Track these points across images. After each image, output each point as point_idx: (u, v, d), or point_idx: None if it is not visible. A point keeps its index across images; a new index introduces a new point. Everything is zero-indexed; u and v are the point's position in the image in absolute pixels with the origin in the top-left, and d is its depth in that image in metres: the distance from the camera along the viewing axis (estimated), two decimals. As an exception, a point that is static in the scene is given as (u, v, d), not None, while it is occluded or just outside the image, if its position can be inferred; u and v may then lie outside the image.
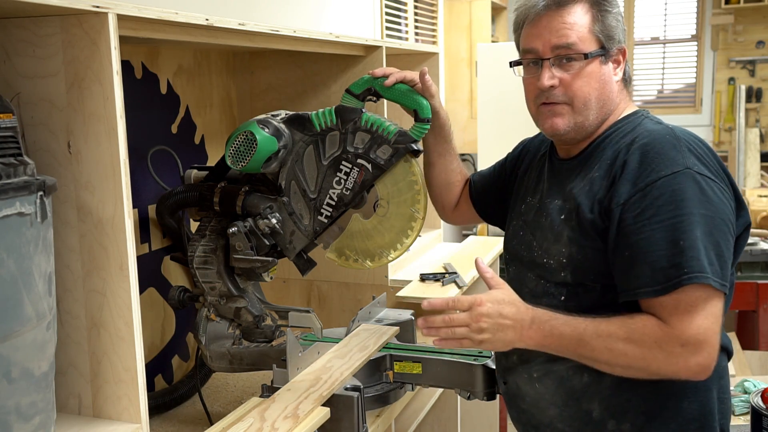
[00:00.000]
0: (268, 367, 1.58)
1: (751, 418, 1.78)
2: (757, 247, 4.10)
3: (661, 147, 1.31)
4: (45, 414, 1.07)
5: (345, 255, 1.61)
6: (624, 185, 1.31)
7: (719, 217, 1.27)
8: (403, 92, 1.60)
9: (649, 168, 1.30)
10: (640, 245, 1.28)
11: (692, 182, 1.27)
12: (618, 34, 1.41)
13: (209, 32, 1.46)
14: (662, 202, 1.27)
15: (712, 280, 1.23)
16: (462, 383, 1.66)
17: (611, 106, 1.43)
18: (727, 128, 7.13)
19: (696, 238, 1.24)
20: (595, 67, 1.39)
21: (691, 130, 1.40)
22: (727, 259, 1.28)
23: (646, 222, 1.27)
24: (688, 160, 1.29)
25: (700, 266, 1.23)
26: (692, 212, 1.25)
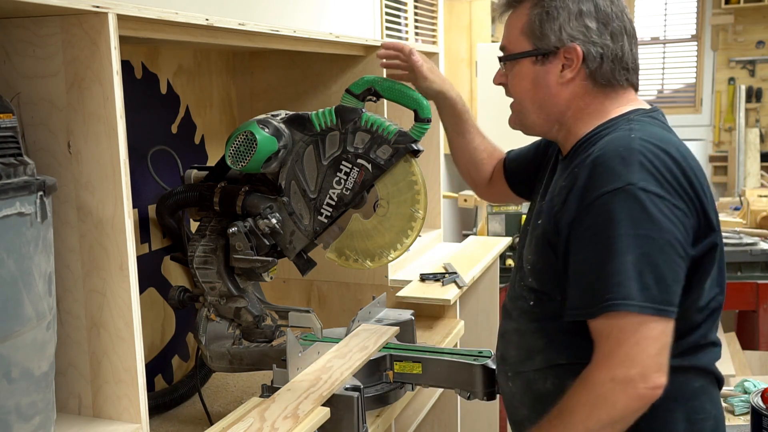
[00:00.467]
0: (268, 367, 1.58)
1: (751, 418, 1.78)
2: (757, 247, 4.10)
3: (609, 161, 1.24)
4: (45, 414, 1.07)
5: (345, 255, 1.62)
6: (572, 202, 1.27)
7: (662, 238, 1.19)
8: (403, 92, 1.60)
9: (594, 184, 1.23)
10: (575, 266, 1.25)
11: (632, 200, 1.19)
12: (562, 33, 1.34)
13: (209, 32, 1.46)
14: (599, 221, 1.21)
15: (637, 306, 1.17)
16: (462, 383, 1.66)
17: (556, 109, 1.38)
18: (727, 128, 7.14)
19: (625, 261, 1.18)
20: (526, 68, 1.38)
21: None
22: (672, 282, 1.20)
23: (584, 242, 1.24)
24: (632, 176, 1.20)
25: (624, 292, 1.17)
26: (626, 233, 1.19)
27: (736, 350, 3.96)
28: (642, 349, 1.18)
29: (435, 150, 2.63)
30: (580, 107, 1.38)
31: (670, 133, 1.34)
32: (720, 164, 7.00)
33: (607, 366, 1.19)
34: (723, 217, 4.73)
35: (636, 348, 1.18)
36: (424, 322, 2.18)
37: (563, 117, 1.39)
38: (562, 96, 1.37)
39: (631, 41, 1.39)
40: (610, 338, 1.20)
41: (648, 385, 1.18)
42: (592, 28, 1.34)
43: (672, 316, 1.20)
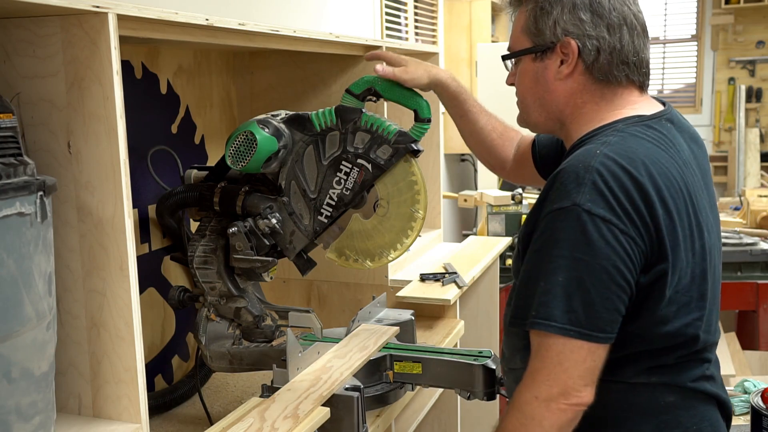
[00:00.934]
0: (268, 367, 1.58)
1: (751, 418, 1.78)
2: (757, 247, 4.10)
3: (566, 177, 1.21)
4: (45, 414, 1.07)
5: (345, 255, 1.62)
6: (535, 214, 1.27)
7: (597, 263, 1.16)
8: (403, 92, 1.60)
9: (549, 198, 1.23)
10: (521, 277, 1.26)
11: (574, 221, 1.17)
12: (558, 27, 1.31)
13: (209, 32, 1.46)
14: (544, 238, 1.21)
15: (557, 328, 1.17)
16: (462, 383, 1.66)
17: (556, 105, 1.37)
18: (727, 128, 7.14)
19: (556, 283, 1.17)
20: (527, 66, 1.38)
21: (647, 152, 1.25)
22: (601, 308, 1.17)
23: (529, 256, 1.24)
24: (580, 196, 1.17)
25: (547, 313, 1.18)
26: (561, 255, 1.17)
27: (736, 350, 3.96)
28: (564, 369, 1.19)
29: (435, 150, 2.63)
30: (578, 105, 1.35)
31: (658, 146, 1.27)
32: (720, 164, 7.01)
33: (532, 384, 1.21)
34: (723, 217, 4.73)
35: (558, 368, 1.19)
36: (424, 322, 2.18)
37: (562, 115, 1.38)
38: (560, 92, 1.35)
39: (632, 33, 1.32)
40: (537, 355, 1.22)
41: (570, 402, 1.19)
42: (585, 21, 1.31)
43: (600, 341, 1.18)
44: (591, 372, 1.20)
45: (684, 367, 1.31)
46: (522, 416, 1.22)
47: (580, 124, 1.36)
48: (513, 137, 1.77)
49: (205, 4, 1.97)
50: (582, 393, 1.19)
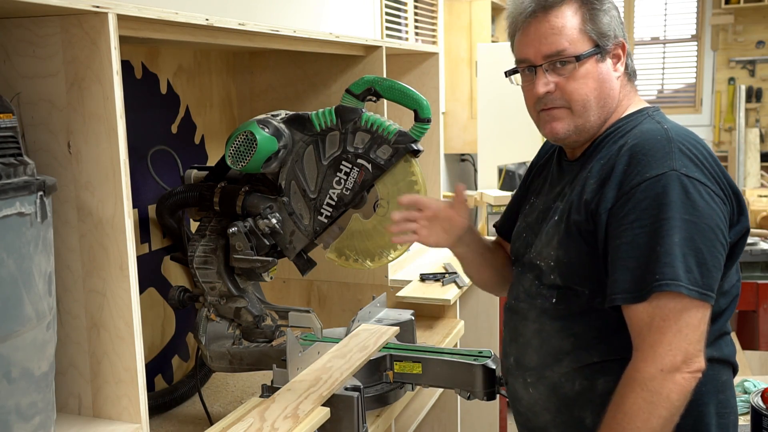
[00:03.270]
0: (268, 367, 1.58)
1: (751, 418, 1.78)
2: (757, 247, 4.10)
3: (649, 148, 1.27)
4: (45, 414, 1.07)
5: (345, 255, 1.61)
6: (611, 189, 1.28)
7: (704, 223, 1.22)
8: (403, 92, 1.60)
9: (635, 171, 1.26)
10: (620, 250, 1.25)
11: (677, 185, 1.22)
12: (613, 29, 1.37)
13: (209, 32, 1.46)
14: (644, 206, 1.23)
15: (685, 288, 1.19)
16: (462, 383, 1.66)
17: (612, 104, 1.40)
18: (727, 128, 7.14)
19: (673, 243, 1.20)
20: (591, 67, 1.36)
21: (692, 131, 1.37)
22: (712, 267, 1.22)
23: (628, 226, 1.24)
24: (675, 162, 1.24)
25: (673, 273, 1.19)
26: (672, 216, 1.21)
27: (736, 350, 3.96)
28: (684, 336, 1.20)
29: (435, 150, 2.63)
30: (620, 99, 1.41)
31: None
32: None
33: (653, 357, 1.21)
34: (723, 217, 4.73)
35: (678, 336, 1.20)
36: (424, 322, 2.18)
37: (610, 112, 1.41)
38: (616, 90, 1.41)
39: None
40: (651, 327, 1.21)
41: (692, 369, 1.20)
42: (622, 25, 1.41)
43: (711, 302, 1.22)
44: (703, 335, 1.23)
45: (725, 339, 1.36)
46: (648, 393, 1.20)
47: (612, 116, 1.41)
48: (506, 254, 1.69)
49: (205, 4, 1.96)
50: (700, 358, 1.21)
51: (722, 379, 1.35)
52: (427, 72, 2.58)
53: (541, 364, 1.40)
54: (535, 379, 1.42)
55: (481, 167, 4.49)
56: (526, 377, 1.44)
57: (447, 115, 4.88)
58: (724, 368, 1.36)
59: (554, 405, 1.40)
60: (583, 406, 1.37)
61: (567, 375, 1.37)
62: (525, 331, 1.44)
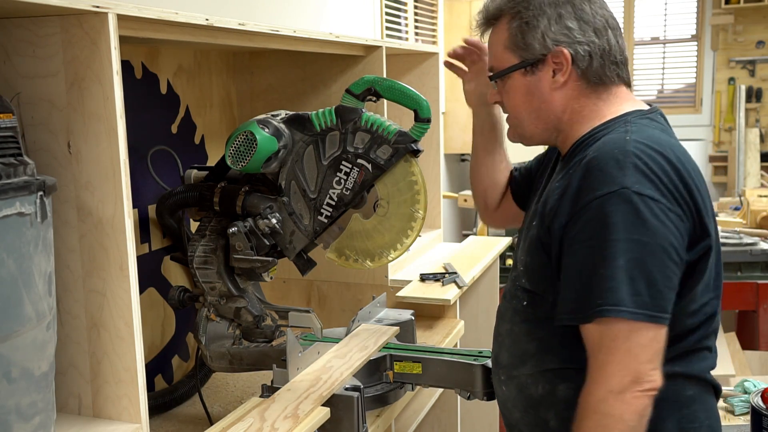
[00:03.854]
0: (268, 367, 1.58)
1: (751, 418, 1.78)
2: (757, 247, 4.10)
3: (603, 163, 1.22)
4: (45, 414, 1.07)
5: (345, 255, 1.61)
6: (566, 205, 1.26)
7: (655, 243, 1.18)
8: (403, 92, 1.60)
9: (589, 186, 1.22)
10: (569, 269, 1.24)
11: (626, 203, 1.18)
12: (547, 39, 1.33)
13: (209, 32, 1.46)
14: (593, 226, 1.20)
15: (627, 312, 1.16)
16: (462, 383, 1.66)
17: (552, 114, 1.37)
18: (727, 128, 7.13)
19: (618, 267, 1.17)
20: (517, 81, 1.38)
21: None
22: (663, 287, 1.19)
23: (578, 246, 1.23)
24: (627, 179, 1.19)
25: (615, 298, 1.17)
26: (618, 238, 1.17)
27: (736, 350, 3.96)
28: (634, 357, 1.18)
29: (435, 150, 2.63)
30: (576, 110, 1.37)
31: (668, 135, 1.33)
32: (720, 164, 7.00)
33: (602, 380, 1.20)
34: (723, 217, 4.74)
35: (627, 356, 1.18)
36: (424, 322, 2.18)
37: (560, 123, 1.39)
38: (556, 101, 1.37)
39: (616, 33, 1.37)
40: (601, 347, 1.20)
41: (644, 388, 1.18)
42: (574, 29, 1.33)
43: (664, 323, 1.19)
44: (657, 354, 1.20)
45: (699, 355, 1.32)
46: (599, 416, 1.20)
47: (581, 125, 1.37)
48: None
49: (205, 4, 1.97)
50: (653, 377, 1.19)
51: (686, 394, 1.32)
52: (427, 72, 2.58)
53: (511, 364, 1.42)
54: (507, 378, 1.45)
55: (481, 167, 4.49)
56: (500, 375, 1.47)
57: (447, 115, 4.88)
58: (688, 384, 1.32)
59: (522, 404, 1.42)
60: (547, 409, 1.38)
61: (532, 377, 1.39)
62: (502, 329, 1.47)
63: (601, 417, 1.19)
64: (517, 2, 1.36)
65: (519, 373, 1.41)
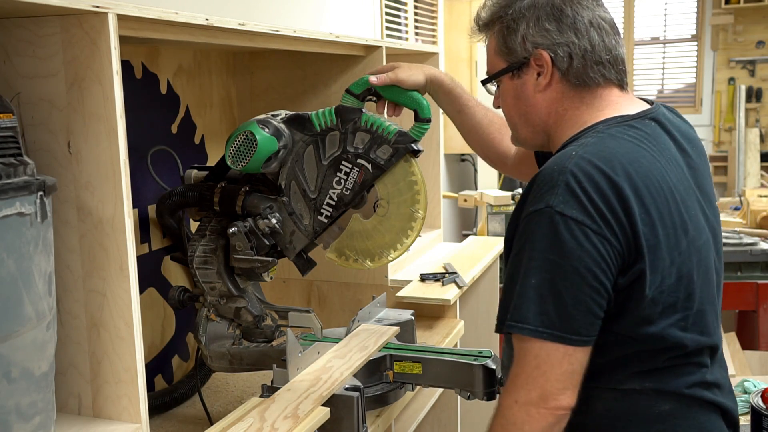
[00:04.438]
0: (268, 367, 1.58)
1: (751, 418, 1.78)
2: (757, 247, 4.10)
3: (541, 180, 1.22)
4: (45, 414, 1.07)
5: (345, 255, 1.61)
6: (515, 218, 1.28)
7: (569, 265, 1.16)
8: (403, 92, 1.60)
9: (528, 202, 1.23)
10: (504, 281, 1.27)
11: (547, 223, 1.17)
12: (527, 42, 1.33)
13: (209, 32, 1.46)
14: (521, 241, 1.22)
15: (529, 330, 1.17)
16: (462, 383, 1.66)
17: (537, 117, 1.38)
18: (727, 128, 7.14)
19: (529, 285, 1.18)
20: (506, 86, 1.40)
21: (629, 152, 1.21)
22: (574, 309, 1.17)
23: (510, 260, 1.25)
24: (553, 198, 1.17)
25: (520, 315, 1.18)
26: (535, 256, 1.18)
27: (736, 350, 3.96)
28: (542, 373, 1.18)
29: (435, 150, 2.63)
30: (559, 113, 1.36)
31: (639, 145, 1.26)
32: (720, 164, 7.01)
33: (512, 389, 1.21)
34: (723, 217, 4.73)
35: (536, 371, 1.19)
36: (424, 322, 2.18)
37: (547, 126, 1.39)
38: (541, 104, 1.37)
39: (601, 32, 1.33)
40: (517, 359, 1.22)
41: (549, 406, 1.18)
42: (552, 30, 1.32)
43: (576, 344, 1.18)
44: (570, 375, 1.19)
45: (677, 371, 1.28)
46: (504, 421, 1.22)
47: (564, 130, 1.36)
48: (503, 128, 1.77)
49: (205, 4, 1.96)
50: (561, 397, 1.18)
51: (659, 409, 1.28)
52: (427, 72, 2.57)
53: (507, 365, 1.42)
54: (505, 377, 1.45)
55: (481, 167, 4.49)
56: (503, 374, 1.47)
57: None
58: (662, 399, 1.28)
59: None
60: None
61: None
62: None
63: (506, 423, 1.22)
64: (502, 7, 1.38)
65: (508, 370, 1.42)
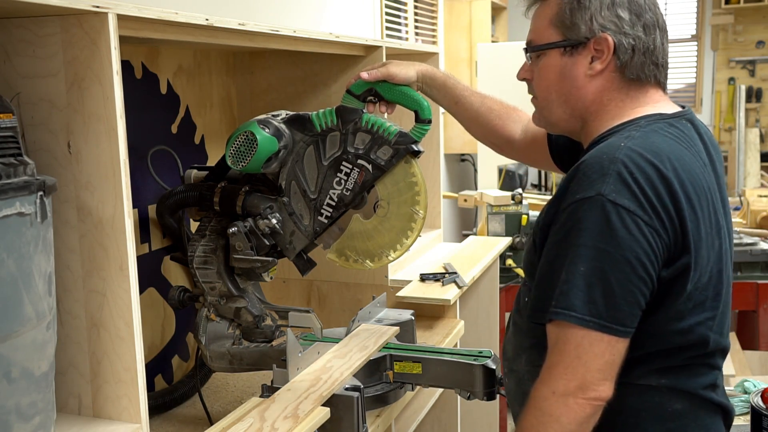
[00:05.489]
0: (268, 367, 1.58)
1: (751, 418, 1.78)
2: (757, 247, 4.10)
3: (590, 168, 1.20)
4: (45, 414, 1.07)
5: (345, 255, 1.61)
6: (553, 206, 1.26)
7: (620, 254, 1.15)
8: (404, 93, 1.60)
9: (573, 190, 1.21)
10: (540, 268, 1.25)
11: (598, 211, 1.16)
12: (594, 24, 1.29)
13: (209, 32, 1.46)
14: (565, 229, 1.20)
15: (576, 318, 1.16)
16: (462, 383, 1.66)
17: (580, 103, 1.34)
18: (727, 128, 7.14)
19: (577, 272, 1.16)
20: (553, 60, 1.33)
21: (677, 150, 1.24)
22: (622, 300, 1.16)
23: (550, 247, 1.23)
24: (605, 186, 1.17)
25: (567, 303, 1.16)
26: (584, 244, 1.16)
27: (736, 350, 3.96)
28: (582, 363, 1.17)
29: (435, 150, 2.63)
30: (603, 103, 1.33)
31: (679, 143, 1.26)
32: (720, 164, 7.00)
33: (549, 379, 1.20)
34: (723, 217, 4.71)
35: (577, 361, 1.17)
36: (424, 322, 2.18)
37: (587, 113, 1.34)
38: (588, 89, 1.32)
39: (663, 36, 1.33)
40: (555, 348, 1.20)
41: (588, 396, 1.17)
42: (624, 19, 1.29)
43: (620, 335, 1.17)
44: (610, 366, 1.18)
45: (694, 371, 1.29)
46: (539, 413, 1.20)
47: (603, 121, 1.34)
48: (515, 116, 1.75)
49: (205, 4, 1.96)
50: (600, 387, 1.17)
51: (673, 407, 1.28)
52: (427, 72, 2.57)
53: (512, 357, 1.44)
54: (509, 371, 1.46)
55: (481, 167, 4.49)
56: (505, 367, 1.49)
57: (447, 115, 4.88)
58: (676, 398, 1.28)
59: (520, 398, 1.42)
60: None
61: (526, 372, 1.39)
62: (511, 321, 1.49)
63: (541, 414, 1.20)
64: None
65: (517, 367, 1.42)
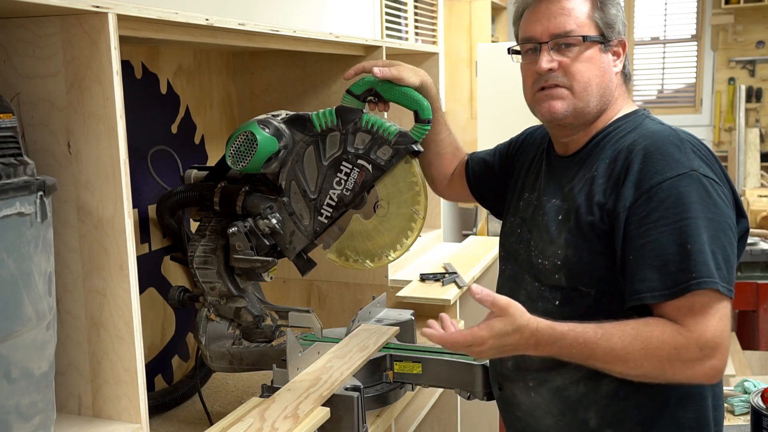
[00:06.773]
0: (268, 367, 1.58)
1: (751, 418, 1.78)
2: (757, 247, 4.10)
3: (665, 148, 1.29)
4: (45, 414, 1.07)
5: (345, 255, 1.61)
6: (628, 189, 1.28)
7: (724, 221, 1.25)
8: (404, 93, 1.60)
9: (653, 170, 1.27)
10: (647, 249, 1.25)
11: (698, 185, 1.25)
12: (618, 24, 1.40)
13: (209, 32, 1.46)
14: (668, 205, 1.24)
15: (720, 285, 1.21)
16: (462, 383, 1.66)
17: (609, 97, 1.41)
18: (727, 128, 7.14)
19: (703, 242, 1.22)
20: (595, 53, 1.38)
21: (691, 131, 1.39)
22: (733, 264, 1.25)
23: (652, 225, 1.25)
24: (693, 162, 1.27)
25: (708, 271, 1.21)
26: (698, 216, 1.23)
27: (736, 350, 3.96)
28: (724, 326, 1.22)
29: (435, 150, 2.62)
30: (615, 97, 1.44)
31: None
32: (720, 164, 7.00)
33: (699, 333, 1.21)
34: (723, 217, 4.72)
35: (720, 324, 1.22)
36: (424, 322, 2.18)
37: (607, 105, 1.42)
38: (615, 85, 1.42)
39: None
40: (695, 313, 1.22)
41: (721, 362, 1.22)
42: (625, 24, 1.43)
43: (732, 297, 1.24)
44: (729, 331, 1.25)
45: None
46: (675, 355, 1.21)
47: (611, 112, 1.43)
48: (459, 158, 1.77)
49: (205, 4, 1.96)
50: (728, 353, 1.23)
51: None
52: (427, 72, 2.57)
53: (544, 368, 1.39)
54: (538, 383, 1.41)
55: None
56: (528, 381, 1.43)
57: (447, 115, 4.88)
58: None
59: (557, 408, 1.39)
60: (587, 409, 1.36)
61: (572, 378, 1.36)
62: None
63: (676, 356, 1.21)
64: None
65: (557, 376, 1.38)
